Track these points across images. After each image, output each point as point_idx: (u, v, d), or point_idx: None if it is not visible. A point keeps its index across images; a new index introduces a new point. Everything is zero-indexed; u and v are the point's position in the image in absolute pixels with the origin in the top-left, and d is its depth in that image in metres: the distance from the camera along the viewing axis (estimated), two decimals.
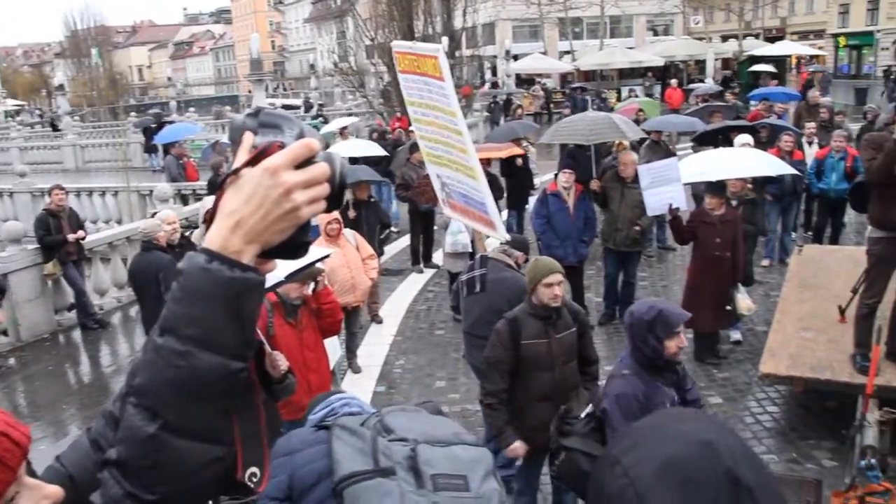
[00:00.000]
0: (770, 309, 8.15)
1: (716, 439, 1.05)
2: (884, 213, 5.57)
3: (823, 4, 54.16)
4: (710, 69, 34.58)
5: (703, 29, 51.81)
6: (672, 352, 3.83)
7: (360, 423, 1.92)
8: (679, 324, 3.82)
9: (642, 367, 3.89)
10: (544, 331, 4.73)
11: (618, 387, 3.95)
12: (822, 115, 13.47)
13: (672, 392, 3.95)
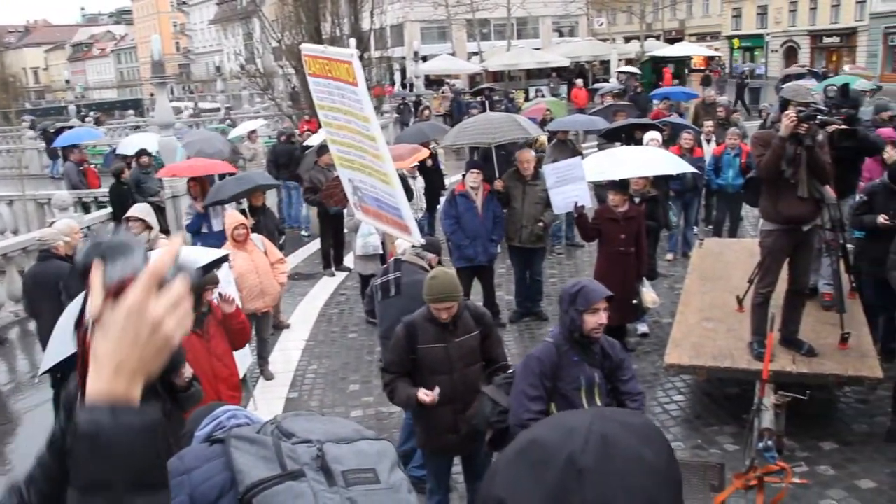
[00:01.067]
0: (675, 301, 8.41)
1: (585, 427, 1.07)
2: (773, 207, 5.82)
3: (718, 8, 56.49)
4: (613, 69, 35.47)
5: (607, 30, 53.27)
6: (590, 327, 3.98)
7: (256, 432, 1.88)
8: (598, 300, 3.96)
9: (564, 339, 4.05)
10: (442, 336, 4.73)
11: (534, 349, 4.20)
12: (720, 114, 14.00)
13: (594, 373, 4.07)
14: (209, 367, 5.12)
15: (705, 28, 57.74)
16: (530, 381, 3.96)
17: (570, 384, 3.98)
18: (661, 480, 1.05)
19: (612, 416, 1.16)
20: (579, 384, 4.00)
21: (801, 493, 5.48)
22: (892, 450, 6.00)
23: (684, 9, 59.20)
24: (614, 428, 1.10)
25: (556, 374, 3.97)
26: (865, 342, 6.41)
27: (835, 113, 5.79)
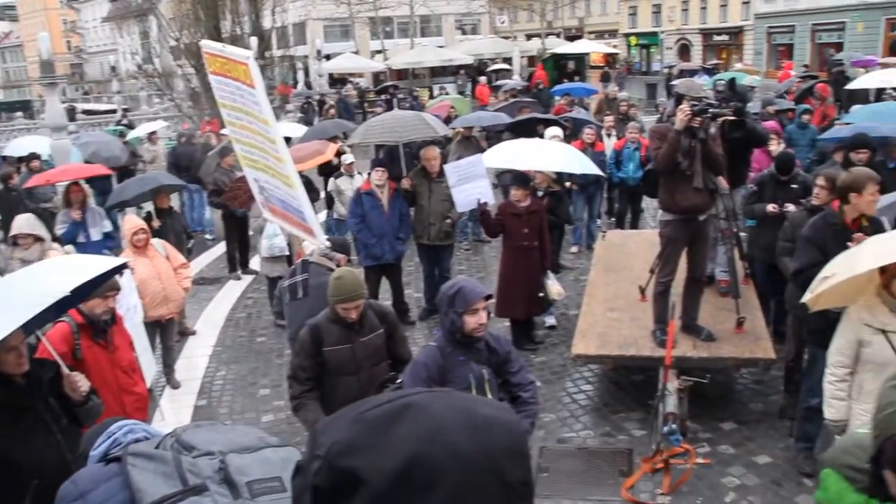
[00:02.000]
0: (581, 293, 8.56)
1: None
2: (671, 198, 6.03)
3: (615, 6, 58.05)
4: (516, 66, 35.94)
5: (509, 28, 53.94)
6: (471, 327, 3.96)
7: (154, 447, 1.82)
8: (476, 301, 3.94)
9: (447, 341, 4.03)
10: (347, 336, 4.72)
11: (419, 355, 4.17)
12: (621, 109, 14.37)
13: (482, 369, 4.08)
14: (113, 379, 4.94)
15: (604, 26, 59.24)
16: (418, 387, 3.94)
17: (459, 384, 3.94)
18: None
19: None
20: (468, 383, 3.98)
21: (705, 472, 5.69)
22: (785, 426, 6.30)
23: (583, 7, 60.57)
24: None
25: (444, 377, 3.94)
26: (759, 326, 6.71)
27: (724, 106, 6.04)
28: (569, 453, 6.19)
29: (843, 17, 41.09)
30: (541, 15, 45.77)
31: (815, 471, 5.66)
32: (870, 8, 39.65)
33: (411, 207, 8.98)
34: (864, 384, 4.40)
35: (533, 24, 51.14)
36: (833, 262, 4.39)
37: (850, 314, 4.46)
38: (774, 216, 6.93)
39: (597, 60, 45.12)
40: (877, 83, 14.60)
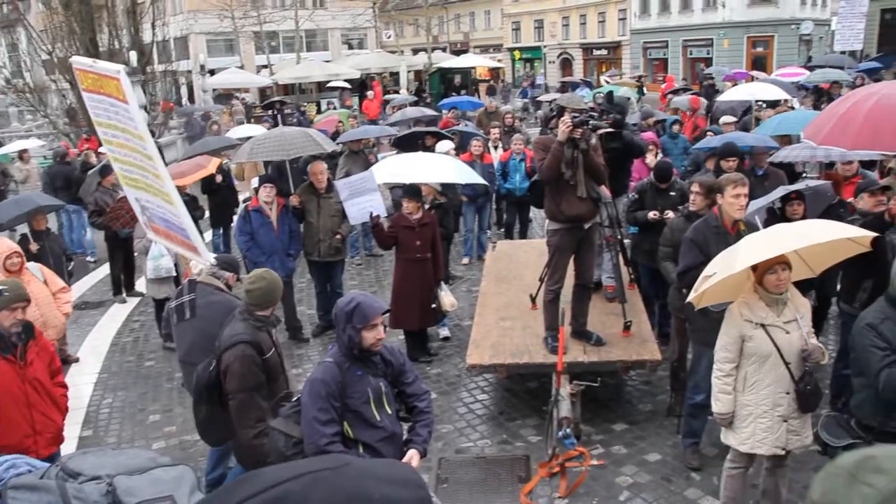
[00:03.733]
0: (473, 304, 8.67)
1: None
2: (556, 207, 6.19)
3: (499, 21, 59.30)
4: (403, 80, 36.13)
5: (395, 43, 54.21)
6: (369, 343, 3.95)
7: (39, 478, 1.74)
8: (374, 316, 3.93)
9: (344, 356, 3.99)
10: (272, 341, 4.87)
11: (315, 372, 4.09)
12: (507, 121, 14.64)
13: (379, 382, 4.06)
14: (22, 395, 4.79)
15: (488, 41, 60.41)
16: (319, 406, 3.86)
17: (358, 399, 3.95)
18: None
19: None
20: (367, 397, 3.97)
21: (599, 473, 5.84)
22: (673, 423, 6.56)
23: (468, 22, 61.65)
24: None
25: (344, 392, 3.92)
26: (645, 329, 6.96)
27: (603, 118, 6.26)
28: (467, 463, 6.23)
29: (711, 34, 43.47)
30: (427, 30, 46.25)
31: (701, 465, 5.94)
32: (734, 26, 42.16)
33: (301, 224, 8.86)
34: (748, 377, 4.66)
35: (419, 39, 51.60)
36: (713, 261, 4.63)
37: (732, 311, 4.71)
38: (655, 222, 7.22)
39: (483, 74, 45.95)
40: (743, 96, 15.47)
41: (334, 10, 50.36)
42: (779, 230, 4.70)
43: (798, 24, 41.59)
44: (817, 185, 7.16)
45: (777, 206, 6.85)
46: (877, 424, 4.22)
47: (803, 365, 4.59)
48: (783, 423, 4.63)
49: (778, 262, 4.46)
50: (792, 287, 4.71)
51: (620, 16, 49.78)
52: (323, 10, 49.58)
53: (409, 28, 56.69)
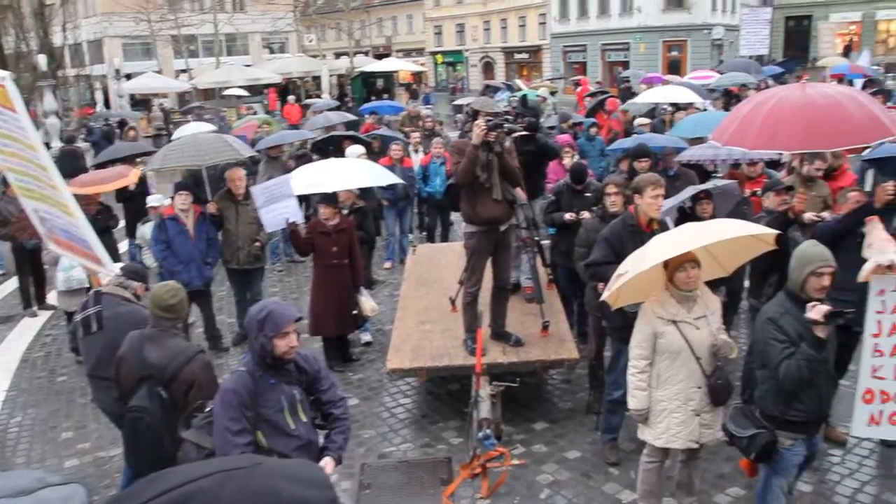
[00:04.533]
0: (395, 308, 8.60)
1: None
2: (472, 210, 6.23)
3: (421, 25, 59.51)
4: (325, 85, 35.88)
5: (317, 47, 53.78)
6: (282, 351, 3.89)
7: None
8: (286, 324, 3.88)
9: (257, 365, 3.93)
10: None
11: (227, 382, 4.01)
12: (427, 125, 14.69)
13: (293, 390, 4.01)
14: None
15: (411, 44, 60.57)
16: (231, 416, 3.79)
17: (272, 408, 3.89)
18: None
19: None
20: (281, 405, 3.92)
21: (520, 472, 5.90)
22: (592, 420, 6.68)
23: (390, 26, 61.65)
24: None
25: (256, 402, 3.85)
26: (563, 328, 7.07)
27: (518, 121, 6.33)
28: (390, 467, 6.21)
29: (628, 39, 44.61)
30: (349, 34, 46.02)
31: (619, 460, 6.06)
32: (649, 31, 43.35)
33: (219, 231, 8.69)
34: (661, 372, 4.79)
35: (341, 43, 51.35)
36: (626, 261, 4.74)
37: (645, 309, 4.83)
38: (572, 223, 7.34)
39: (405, 78, 46.00)
40: (658, 98, 15.88)
41: (254, 14, 49.70)
42: (687, 229, 4.83)
43: (710, 28, 43.01)
44: (725, 184, 7.41)
45: (687, 205, 7.05)
46: (779, 414, 4.38)
47: (714, 360, 4.73)
48: (696, 417, 4.77)
49: (687, 260, 4.59)
50: (702, 284, 4.86)
51: (540, 20, 50.59)
52: (243, 13, 48.90)
53: (331, 32, 56.32)
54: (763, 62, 31.09)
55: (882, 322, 4.18)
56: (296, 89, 39.22)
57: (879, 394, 4.25)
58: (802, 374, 4.16)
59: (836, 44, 42.76)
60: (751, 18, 22.89)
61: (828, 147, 6.41)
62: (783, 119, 5.60)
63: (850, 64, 24.24)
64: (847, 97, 6.08)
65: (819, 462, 5.86)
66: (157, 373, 4.60)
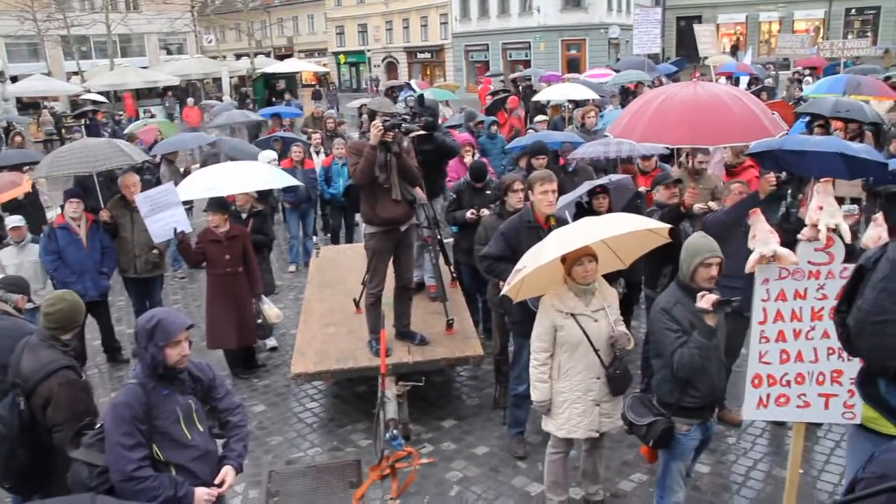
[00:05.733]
0: (300, 312, 8.52)
1: None
2: (372, 211, 6.20)
3: (323, 26, 58.96)
4: (226, 87, 35.11)
5: (217, 48, 52.47)
6: (174, 360, 3.80)
7: None
8: (177, 332, 3.79)
9: (148, 376, 3.81)
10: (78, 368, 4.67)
11: (118, 395, 3.87)
12: (329, 126, 14.56)
13: (188, 400, 3.91)
14: None
15: (313, 45, 59.92)
16: (124, 430, 3.66)
17: (167, 419, 3.78)
18: None
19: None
20: (176, 416, 3.82)
21: (430, 470, 5.93)
22: (499, 415, 6.76)
23: (291, 27, 60.82)
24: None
25: (150, 414, 3.74)
26: (468, 326, 7.13)
27: (415, 121, 6.33)
28: (298, 473, 6.11)
29: (528, 38, 45.32)
30: (249, 34, 45.12)
31: (527, 453, 6.15)
32: (548, 30, 44.20)
33: (113, 239, 8.36)
34: (561, 364, 4.89)
35: (242, 44, 50.27)
36: (524, 256, 4.80)
37: (544, 303, 4.92)
38: (473, 221, 7.40)
39: (308, 79, 45.47)
40: (557, 96, 16.20)
41: (150, 14, 48.14)
42: (583, 224, 4.93)
43: (606, 28, 44.22)
44: (619, 178, 7.60)
45: (585, 200, 7.21)
46: (675, 401, 4.52)
47: (612, 351, 4.86)
48: (596, 406, 4.89)
49: (584, 254, 4.70)
50: (600, 278, 4.98)
51: (442, 20, 50.83)
52: (137, 13, 47.28)
53: (230, 33, 55.12)
54: (658, 61, 32.11)
55: (767, 310, 4.35)
56: (195, 91, 38.22)
57: (766, 378, 4.42)
58: (695, 362, 4.31)
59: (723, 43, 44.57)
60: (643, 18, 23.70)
61: (709, 143, 6.70)
62: (670, 115, 5.81)
63: (736, 63, 25.36)
64: (732, 98, 6.38)
65: (717, 444, 6.11)
66: (23, 383, 4.41)
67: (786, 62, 26.75)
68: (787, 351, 4.37)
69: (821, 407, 4.41)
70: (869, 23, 48.06)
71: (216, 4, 51.51)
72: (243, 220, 8.29)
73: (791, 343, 4.36)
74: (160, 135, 15.89)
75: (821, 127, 10.90)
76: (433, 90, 20.63)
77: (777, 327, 4.36)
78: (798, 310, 4.31)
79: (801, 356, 4.36)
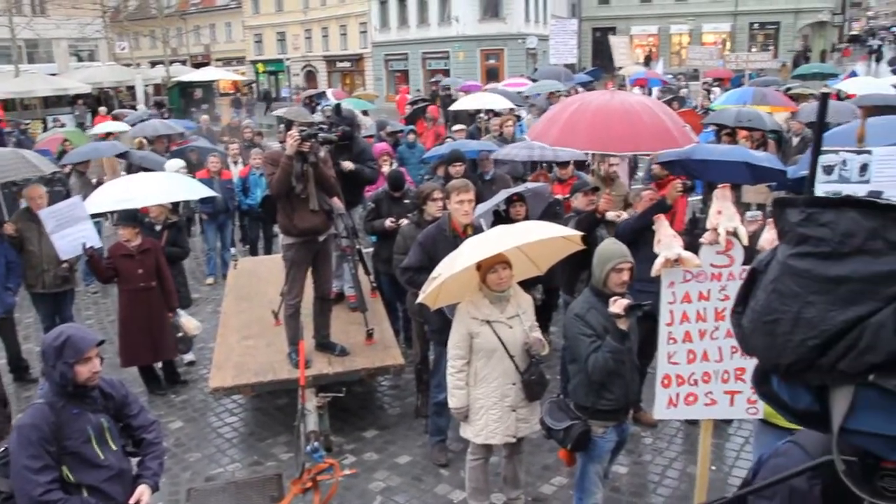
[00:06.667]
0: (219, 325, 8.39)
1: None
2: (290, 221, 6.15)
3: (241, 34, 58.08)
4: (140, 95, 34.23)
5: (130, 55, 51.06)
6: (84, 377, 3.69)
7: None
8: (88, 348, 3.69)
9: (57, 395, 3.69)
10: None
11: (23, 417, 3.74)
12: (246, 136, 14.35)
13: (100, 418, 3.81)
14: None
15: (231, 53, 58.94)
16: (31, 453, 3.55)
17: (77, 439, 3.68)
18: None
19: None
20: (88, 435, 3.72)
21: (352, 482, 5.90)
22: (421, 424, 6.78)
23: (208, 34, 59.71)
24: None
25: (60, 435, 3.63)
26: (388, 335, 7.13)
27: (332, 131, 6.32)
28: (218, 490, 5.99)
29: (447, 47, 45.69)
30: (164, 41, 44.07)
31: (449, 461, 6.19)
32: (467, 40, 44.67)
33: (19, 253, 8.04)
34: (478, 371, 4.95)
35: (156, 51, 49.10)
36: (440, 264, 4.85)
37: (459, 310, 4.98)
38: (392, 231, 7.41)
39: (226, 87, 44.70)
40: (476, 105, 16.39)
41: (58, 19, 46.43)
42: (498, 232, 5.01)
43: (524, 38, 44.95)
44: (536, 186, 7.75)
45: (502, 208, 7.32)
46: (590, 404, 4.63)
47: (527, 357, 4.94)
48: (512, 412, 4.96)
49: (498, 261, 4.77)
50: (515, 284, 5.06)
51: (362, 29, 50.76)
52: (44, 17, 45.55)
53: (145, 40, 53.69)
54: (575, 70, 32.85)
55: (674, 311, 4.51)
56: (108, 100, 37.10)
57: (675, 378, 4.58)
58: (609, 365, 4.43)
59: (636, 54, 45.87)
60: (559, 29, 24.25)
61: (617, 151, 6.93)
62: (583, 121, 5.98)
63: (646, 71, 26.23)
64: (645, 108, 6.60)
65: (633, 445, 6.27)
66: None
67: (696, 73, 27.77)
68: (694, 351, 4.53)
69: (727, 404, 4.59)
70: (771, 36, 50.57)
71: (129, 10, 50.12)
72: (157, 232, 8.08)
73: (697, 343, 4.52)
74: (70, 144, 15.39)
75: (728, 135, 11.38)
76: (351, 100, 20.57)
77: (684, 328, 4.52)
78: (702, 311, 4.48)
79: (706, 356, 4.53)
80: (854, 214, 1.44)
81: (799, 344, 1.47)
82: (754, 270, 1.65)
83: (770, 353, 1.55)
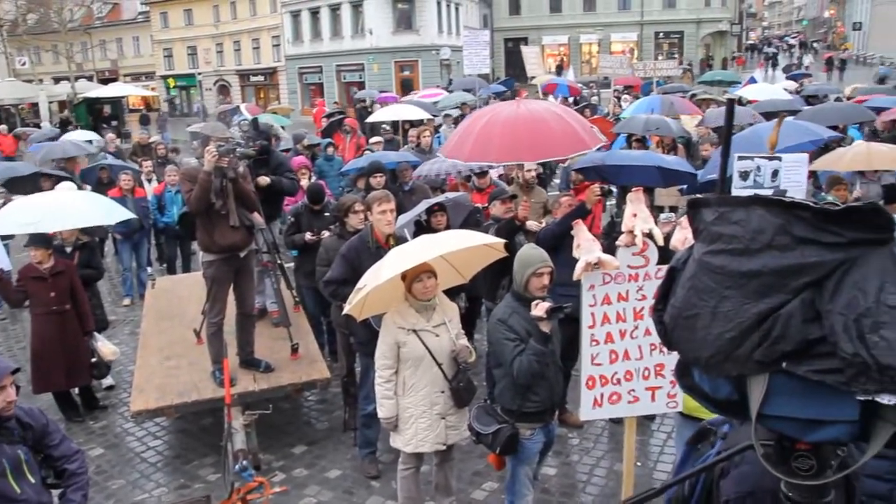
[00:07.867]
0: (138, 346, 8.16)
1: None
2: (209, 238, 6.05)
3: (149, 48, 56.69)
4: (44, 112, 33.04)
5: (32, 70, 49.17)
6: None
7: None
8: (2, 377, 3.58)
9: None
10: None
11: None
12: (160, 152, 14.03)
13: (17, 450, 3.67)
14: None
15: (139, 68, 57.47)
16: None
17: None
18: None
19: None
20: (3, 469, 3.59)
21: (283, 499, 5.82)
22: (350, 437, 6.74)
23: (115, 49, 58.02)
24: None
25: None
26: (313, 349, 7.08)
27: (250, 145, 6.26)
28: None
29: (362, 59, 45.67)
30: (68, 56, 42.63)
31: (380, 472, 6.18)
32: (381, 52, 44.76)
33: None
34: (406, 380, 4.97)
35: (60, 67, 47.46)
36: (365, 275, 4.86)
37: (386, 320, 4.99)
38: (313, 244, 7.38)
39: (136, 103, 43.60)
40: (392, 116, 16.45)
41: None
42: (421, 241, 5.05)
43: (437, 49, 45.32)
44: (456, 195, 7.84)
45: (423, 218, 7.37)
46: (517, 407, 4.71)
47: (455, 364, 4.99)
48: (441, 420, 5.00)
49: (423, 270, 4.81)
50: (441, 293, 5.11)
51: (274, 42, 50.26)
52: None
53: (47, 55, 51.84)
54: (489, 80, 33.30)
55: (595, 314, 4.63)
56: (9, 117, 35.61)
57: (599, 378, 4.70)
58: (533, 368, 4.52)
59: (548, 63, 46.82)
60: (471, 40, 24.52)
61: (530, 159, 7.06)
62: (494, 134, 6.08)
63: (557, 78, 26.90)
64: (552, 114, 6.75)
65: (561, 446, 6.39)
66: None
67: (606, 80, 28.56)
68: (616, 351, 4.67)
69: (648, 400, 4.75)
70: (675, 45, 52.55)
71: (29, 24, 48.20)
72: (68, 253, 7.80)
73: (618, 343, 4.66)
74: None
75: (638, 142, 11.76)
76: (266, 115, 20.33)
77: (605, 329, 4.65)
78: (622, 311, 4.62)
79: (627, 354, 4.67)
80: (762, 212, 1.53)
81: (717, 337, 1.55)
82: (672, 269, 1.73)
83: (691, 346, 1.63)
